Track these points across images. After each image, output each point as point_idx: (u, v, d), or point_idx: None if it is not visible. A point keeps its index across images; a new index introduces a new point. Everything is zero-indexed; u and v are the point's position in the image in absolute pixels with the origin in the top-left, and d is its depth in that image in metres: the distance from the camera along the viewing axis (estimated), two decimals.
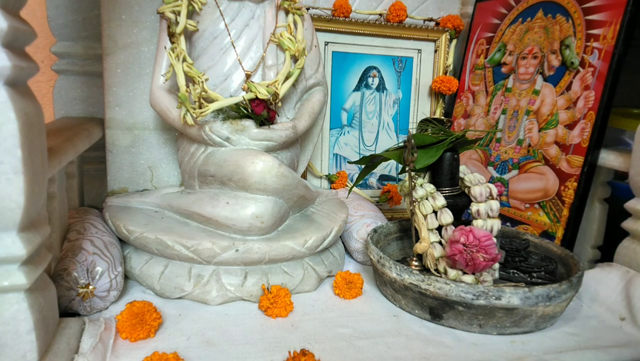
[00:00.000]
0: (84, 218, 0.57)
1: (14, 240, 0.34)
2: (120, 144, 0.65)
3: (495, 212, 0.54)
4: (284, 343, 0.44)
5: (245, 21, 0.58)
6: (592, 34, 0.62)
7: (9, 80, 0.32)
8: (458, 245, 0.48)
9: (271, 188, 0.53)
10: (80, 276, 0.46)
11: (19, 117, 0.32)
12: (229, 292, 0.52)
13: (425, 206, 0.53)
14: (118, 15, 0.61)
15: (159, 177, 0.67)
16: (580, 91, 0.63)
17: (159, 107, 0.58)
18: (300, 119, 0.60)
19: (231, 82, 0.57)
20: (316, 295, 0.55)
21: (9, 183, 0.32)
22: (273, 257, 0.53)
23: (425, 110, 0.85)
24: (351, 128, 0.82)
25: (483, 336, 0.47)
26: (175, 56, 0.54)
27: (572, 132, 0.63)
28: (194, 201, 0.56)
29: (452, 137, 0.55)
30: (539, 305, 0.46)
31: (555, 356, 0.44)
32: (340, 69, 0.80)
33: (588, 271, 0.57)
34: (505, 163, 0.71)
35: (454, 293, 0.46)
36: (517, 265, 0.56)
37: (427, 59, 0.84)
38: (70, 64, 0.72)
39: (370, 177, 0.84)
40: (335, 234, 0.58)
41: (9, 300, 0.34)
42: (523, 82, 0.71)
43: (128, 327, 0.43)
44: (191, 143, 0.59)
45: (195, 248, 0.51)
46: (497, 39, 0.77)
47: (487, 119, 0.76)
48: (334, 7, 0.78)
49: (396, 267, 0.50)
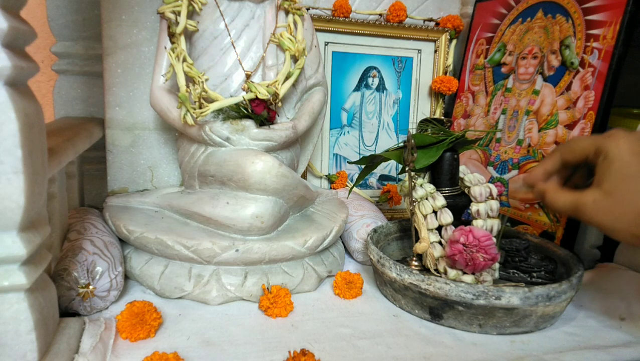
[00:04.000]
0: (84, 218, 0.57)
1: (14, 240, 0.34)
2: (121, 144, 0.65)
3: (495, 212, 0.54)
4: (284, 343, 0.44)
5: (245, 21, 0.58)
6: (592, 34, 0.62)
7: (9, 80, 0.32)
8: (458, 245, 0.48)
9: (271, 188, 0.53)
10: (80, 276, 0.46)
11: (19, 117, 0.32)
12: (229, 292, 0.52)
13: (425, 206, 0.53)
14: (118, 15, 0.61)
15: (159, 177, 0.67)
16: (580, 91, 0.63)
17: (159, 107, 0.58)
18: (300, 119, 0.60)
19: (231, 82, 0.57)
20: (316, 295, 0.55)
21: (9, 183, 0.32)
22: (273, 256, 0.53)
23: (425, 110, 0.85)
24: (351, 128, 0.82)
25: (483, 336, 0.47)
26: (175, 56, 0.54)
27: (572, 132, 0.63)
28: (194, 201, 0.56)
29: (452, 137, 0.55)
30: (539, 305, 0.46)
31: (555, 356, 0.44)
32: (340, 69, 0.80)
33: (588, 271, 0.57)
34: (505, 163, 0.71)
35: (453, 293, 0.46)
36: (517, 265, 0.56)
37: (427, 59, 0.84)
38: (71, 64, 0.72)
39: (370, 177, 0.84)
40: (335, 234, 0.58)
41: (9, 300, 0.34)
42: (523, 82, 0.71)
43: (128, 327, 0.43)
44: (191, 143, 0.59)
45: (196, 248, 0.51)
46: (497, 39, 0.77)
47: (487, 119, 0.76)
48: (334, 7, 0.78)
49: (396, 267, 0.50)
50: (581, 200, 0.43)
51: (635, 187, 0.40)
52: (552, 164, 0.48)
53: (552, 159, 0.48)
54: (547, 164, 0.48)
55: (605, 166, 0.42)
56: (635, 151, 0.41)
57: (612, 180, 0.41)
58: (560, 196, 0.45)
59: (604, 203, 0.41)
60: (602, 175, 0.42)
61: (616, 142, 0.42)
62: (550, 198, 0.46)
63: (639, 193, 0.39)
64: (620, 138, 0.42)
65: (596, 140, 0.44)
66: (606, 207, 0.41)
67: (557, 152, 0.48)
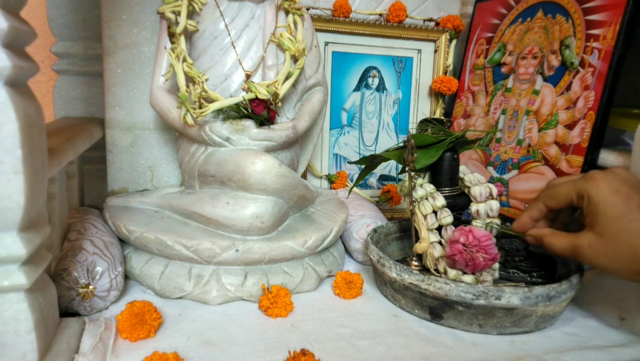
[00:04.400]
0: (84, 218, 0.57)
1: (14, 240, 0.34)
2: (121, 144, 0.65)
3: (495, 212, 0.54)
4: (284, 343, 0.44)
5: (246, 21, 0.58)
6: (592, 34, 0.62)
7: (9, 80, 0.32)
8: (458, 245, 0.48)
9: (271, 188, 0.53)
10: (80, 276, 0.46)
11: (19, 117, 0.32)
12: (229, 292, 0.52)
13: (425, 206, 0.53)
14: (118, 15, 0.61)
15: (159, 177, 0.67)
16: (580, 91, 0.63)
17: (159, 107, 0.58)
18: (300, 119, 0.60)
19: (231, 82, 0.57)
20: (316, 295, 0.55)
21: (9, 183, 0.32)
22: (273, 256, 0.53)
23: (425, 110, 0.85)
24: (351, 128, 0.82)
25: (483, 336, 0.47)
26: (175, 56, 0.54)
27: (572, 132, 0.63)
28: (194, 201, 0.56)
29: (452, 137, 0.55)
30: (539, 305, 0.46)
31: (555, 356, 0.44)
32: (340, 69, 0.80)
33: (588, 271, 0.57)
34: (505, 163, 0.71)
35: (453, 293, 0.46)
36: (517, 265, 0.56)
37: (427, 59, 0.84)
38: (71, 64, 0.72)
39: (370, 177, 0.84)
40: (335, 234, 0.58)
41: (9, 300, 0.34)
42: (523, 82, 0.71)
43: (128, 327, 0.43)
44: (191, 143, 0.59)
45: (196, 248, 0.51)
46: (497, 39, 0.77)
47: (487, 119, 0.76)
48: (334, 7, 0.78)
49: (396, 267, 0.50)
50: (578, 244, 0.44)
51: (624, 225, 0.41)
52: (537, 212, 0.50)
53: (537, 207, 0.50)
54: (532, 212, 0.50)
55: (591, 210, 0.43)
56: (615, 190, 0.42)
57: (601, 222, 0.42)
58: (557, 241, 0.46)
59: (599, 245, 0.42)
60: (592, 218, 0.43)
61: (596, 184, 0.43)
62: (548, 243, 0.47)
63: (628, 232, 0.40)
64: (599, 180, 0.43)
65: (576, 185, 0.45)
66: (601, 249, 0.42)
67: (540, 200, 0.50)
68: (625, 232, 0.40)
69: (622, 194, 0.42)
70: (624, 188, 0.42)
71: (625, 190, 0.42)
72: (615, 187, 0.42)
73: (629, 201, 0.41)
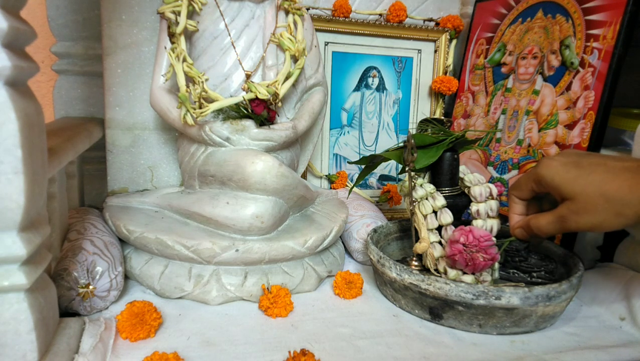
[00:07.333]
0: (84, 218, 0.57)
1: (14, 240, 0.34)
2: (121, 144, 0.65)
3: (495, 212, 0.54)
4: (284, 343, 0.44)
5: (246, 21, 0.58)
6: (592, 34, 0.62)
7: (9, 80, 0.32)
8: (458, 245, 0.48)
9: (271, 188, 0.53)
10: (80, 276, 0.46)
11: (19, 117, 0.32)
12: (229, 292, 0.52)
13: (425, 206, 0.53)
14: (118, 15, 0.61)
15: (159, 177, 0.67)
16: (580, 91, 0.63)
17: (159, 107, 0.58)
18: (300, 119, 0.60)
19: (231, 82, 0.57)
20: (316, 295, 0.55)
21: (9, 183, 0.32)
22: (273, 256, 0.53)
23: (425, 110, 0.85)
24: (351, 128, 0.82)
25: (483, 336, 0.47)
26: (175, 56, 0.54)
27: (572, 132, 0.63)
28: (194, 201, 0.56)
29: (452, 137, 0.55)
30: (539, 305, 0.46)
31: (555, 356, 0.44)
32: (340, 69, 0.80)
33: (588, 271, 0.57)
34: (505, 163, 0.71)
35: (453, 293, 0.46)
36: (517, 265, 0.56)
37: (427, 59, 0.84)
38: (71, 64, 0.72)
39: (370, 177, 0.84)
40: (335, 234, 0.58)
41: (9, 300, 0.34)
42: (523, 82, 0.71)
43: (128, 327, 0.43)
44: (191, 143, 0.59)
45: (196, 248, 0.51)
46: (497, 39, 0.77)
47: (487, 119, 0.76)
48: (334, 7, 0.78)
49: (396, 267, 0.50)
50: (560, 213, 0.46)
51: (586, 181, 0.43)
52: (515, 206, 0.52)
53: (512, 202, 0.52)
54: (513, 209, 0.52)
55: (552, 187, 0.46)
56: (563, 163, 0.45)
57: (566, 190, 0.44)
58: (542, 219, 0.48)
59: (577, 207, 0.44)
60: (557, 193, 0.46)
61: (545, 165, 0.46)
62: (535, 224, 0.48)
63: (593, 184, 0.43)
64: (546, 161, 0.47)
65: (532, 173, 0.48)
66: (581, 208, 0.43)
67: (510, 195, 0.52)
68: (590, 185, 0.43)
69: (570, 162, 0.45)
70: (570, 158, 0.45)
71: (572, 159, 0.45)
72: (562, 160, 0.45)
73: (578, 164, 0.44)
